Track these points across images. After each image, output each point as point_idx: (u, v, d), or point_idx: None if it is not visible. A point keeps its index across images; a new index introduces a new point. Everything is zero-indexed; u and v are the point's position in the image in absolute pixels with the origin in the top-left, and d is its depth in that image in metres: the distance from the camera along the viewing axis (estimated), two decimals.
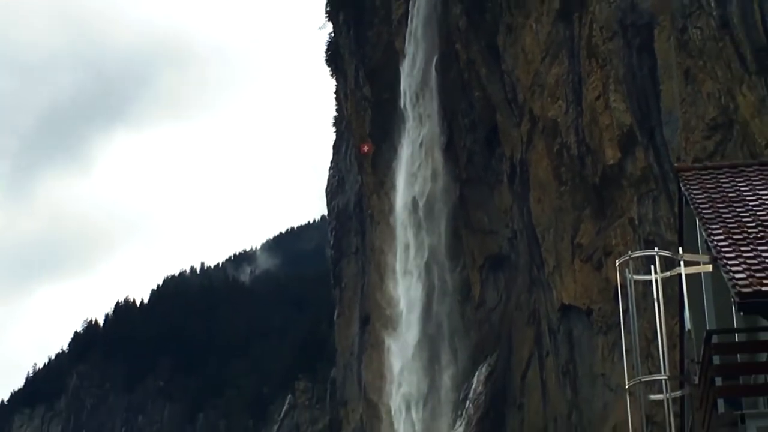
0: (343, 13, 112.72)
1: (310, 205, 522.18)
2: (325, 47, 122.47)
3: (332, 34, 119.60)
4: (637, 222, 64.40)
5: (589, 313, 70.52)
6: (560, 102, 72.32)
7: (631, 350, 21.61)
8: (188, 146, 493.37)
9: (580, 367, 72.00)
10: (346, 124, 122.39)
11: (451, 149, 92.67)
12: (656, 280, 20.62)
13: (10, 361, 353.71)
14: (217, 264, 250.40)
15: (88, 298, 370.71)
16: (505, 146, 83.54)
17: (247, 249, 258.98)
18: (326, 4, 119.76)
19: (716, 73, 55.43)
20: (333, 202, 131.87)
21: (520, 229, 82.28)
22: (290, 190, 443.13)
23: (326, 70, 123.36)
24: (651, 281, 20.70)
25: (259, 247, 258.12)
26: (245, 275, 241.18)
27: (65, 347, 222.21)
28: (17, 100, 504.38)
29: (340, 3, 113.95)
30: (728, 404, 18.72)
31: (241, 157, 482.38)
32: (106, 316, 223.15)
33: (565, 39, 71.84)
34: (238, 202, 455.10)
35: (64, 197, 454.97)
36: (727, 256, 19.01)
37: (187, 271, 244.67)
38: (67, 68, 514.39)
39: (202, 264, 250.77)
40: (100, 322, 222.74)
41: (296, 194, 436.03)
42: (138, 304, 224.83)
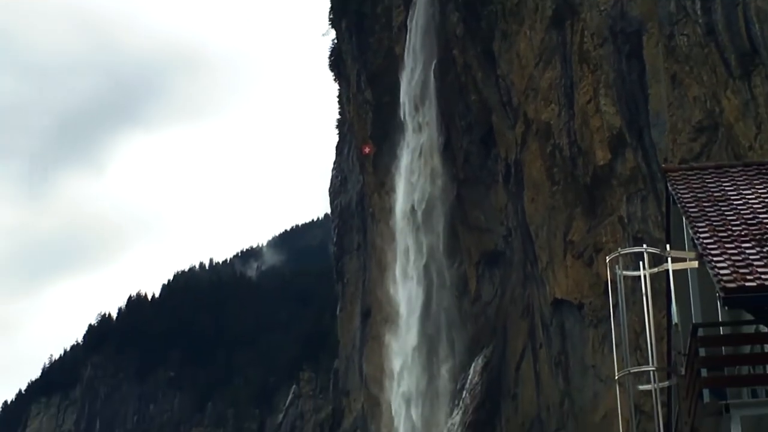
0: (346, 20, 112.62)
1: (314, 204, 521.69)
2: (329, 53, 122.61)
3: (335, 41, 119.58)
4: (626, 220, 64.37)
5: (581, 307, 70.49)
6: (553, 105, 72.26)
7: (621, 342, 21.65)
8: (198, 148, 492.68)
9: (571, 358, 71.96)
10: (349, 127, 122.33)
11: (449, 150, 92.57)
12: (644, 276, 20.67)
13: (27, 352, 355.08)
14: (225, 260, 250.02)
15: (101, 293, 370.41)
16: (501, 147, 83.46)
17: (254, 245, 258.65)
18: (329, 12, 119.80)
19: (702, 78, 55.40)
20: (336, 201, 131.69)
21: (515, 227, 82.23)
22: (295, 190, 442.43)
23: (329, 75, 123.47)
24: (639, 277, 20.75)
25: (265, 244, 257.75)
26: (252, 271, 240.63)
27: (80, 339, 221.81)
28: (37, 104, 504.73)
29: (343, 11, 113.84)
30: (713, 394, 18.76)
31: (248, 158, 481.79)
32: (119, 310, 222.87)
33: (558, 45, 71.78)
34: (245, 200, 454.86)
35: (80, 196, 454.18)
36: (713, 252, 19.04)
37: (197, 266, 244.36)
38: (85, 73, 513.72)
39: (211, 260, 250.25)
40: (114, 316, 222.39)
41: (301, 193, 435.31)
42: (149, 298, 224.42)
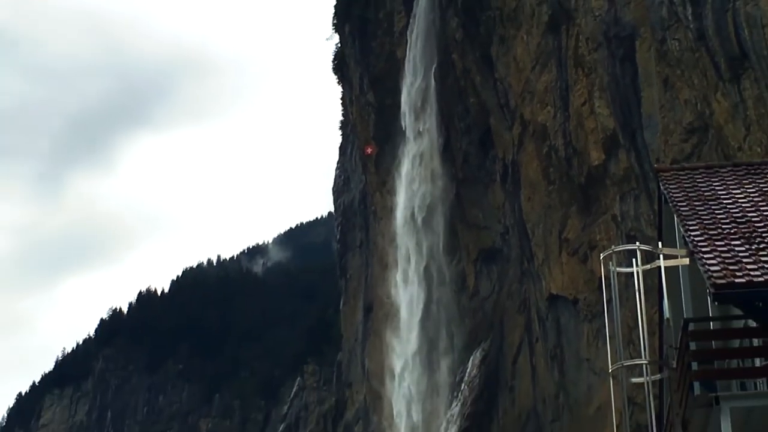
0: (349, 25, 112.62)
1: (319, 202, 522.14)
2: (332, 57, 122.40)
3: (339, 45, 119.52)
4: (619, 218, 64.32)
5: (576, 302, 70.45)
6: (549, 107, 72.21)
7: (614, 337, 21.65)
8: (206, 148, 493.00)
9: (567, 352, 71.93)
10: (352, 128, 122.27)
11: (449, 151, 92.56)
12: (637, 272, 20.65)
13: (41, 346, 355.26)
14: (232, 256, 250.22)
15: (113, 288, 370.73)
16: (498, 148, 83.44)
17: (260, 243, 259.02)
18: (333, 17, 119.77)
19: (693, 81, 55.34)
20: (339, 200, 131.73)
21: (512, 225, 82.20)
22: (300, 189, 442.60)
23: (333, 78, 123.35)
24: (632, 273, 20.74)
25: (271, 241, 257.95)
26: (258, 267, 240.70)
27: (92, 333, 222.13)
28: (50, 106, 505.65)
29: (346, 16, 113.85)
30: (704, 387, 18.76)
31: (254, 158, 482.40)
32: (130, 305, 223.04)
33: (554, 49, 71.72)
34: (252, 199, 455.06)
35: (91, 195, 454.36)
36: (703, 250, 19.02)
37: (205, 263, 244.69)
38: (96, 77, 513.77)
39: (219, 257, 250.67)
40: (124, 310, 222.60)
41: (305, 192, 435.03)
42: (159, 293, 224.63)
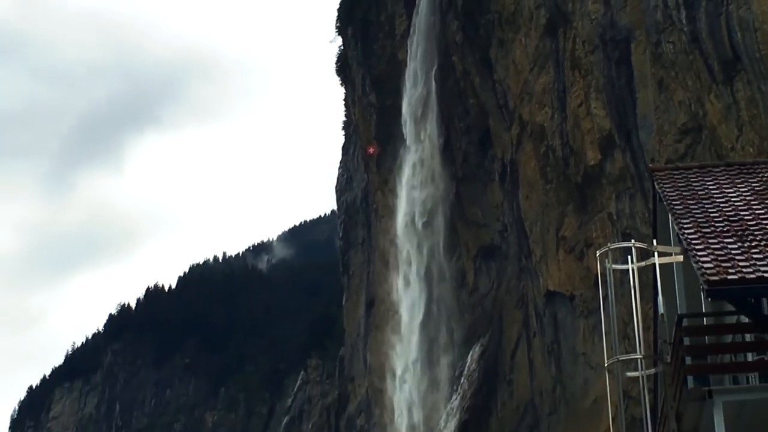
0: (352, 28, 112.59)
1: (322, 201, 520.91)
2: (335, 59, 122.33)
3: (341, 47, 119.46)
4: (615, 217, 64.33)
5: (572, 298, 70.48)
6: (546, 108, 72.20)
7: (610, 332, 21.60)
8: (212, 148, 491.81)
9: (563, 347, 71.96)
10: (354, 128, 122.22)
11: (449, 151, 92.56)
12: (632, 269, 20.63)
13: (51, 340, 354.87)
14: (238, 253, 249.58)
15: (121, 285, 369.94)
16: (497, 148, 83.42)
17: (265, 240, 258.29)
18: (336, 21, 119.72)
19: (687, 83, 55.31)
20: (342, 198, 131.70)
21: (510, 223, 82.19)
22: (304, 187, 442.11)
23: (336, 80, 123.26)
24: (628, 270, 20.71)
25: (275, 238, 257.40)
26: (263, 264, 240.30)
27: (101, 328, 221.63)
28: (60, 106, 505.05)
29: (349, 19, 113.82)
30: (697, 381, 18.73)
31: (259, 158, 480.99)
32: (138, 301, 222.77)
33: (551, 52, 71.70)
34: (257, 197, 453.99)
35: (100, 194, 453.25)
36: (697, 247, 19.00)
37: (211, 260, 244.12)
38: (105, 78, 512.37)
39: (224, 253, 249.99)
40: (133, 306, 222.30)
41: (309, 191, 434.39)
42: (166, 289, 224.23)
